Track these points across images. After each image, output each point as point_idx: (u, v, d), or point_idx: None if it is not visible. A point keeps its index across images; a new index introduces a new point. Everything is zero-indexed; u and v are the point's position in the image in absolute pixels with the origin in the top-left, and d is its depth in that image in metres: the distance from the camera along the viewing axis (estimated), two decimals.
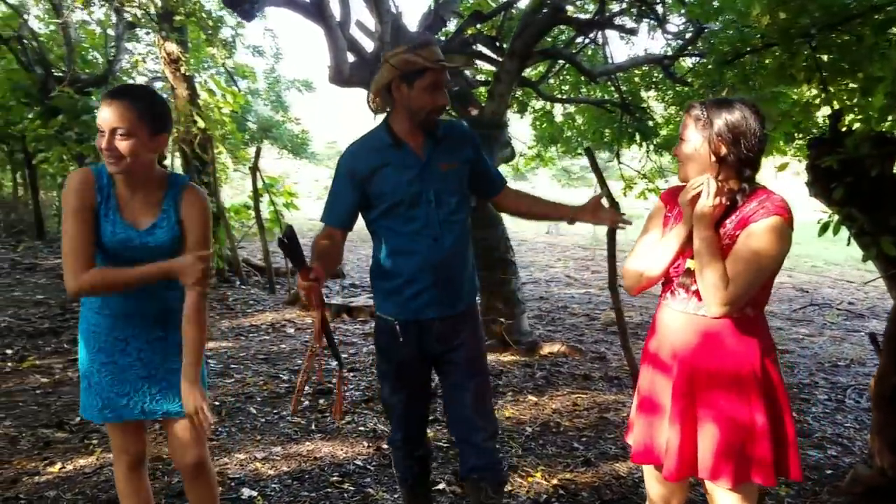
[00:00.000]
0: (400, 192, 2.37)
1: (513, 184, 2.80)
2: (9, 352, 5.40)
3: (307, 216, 12.45)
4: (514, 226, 13.93)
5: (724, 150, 1.97)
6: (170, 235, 2.23)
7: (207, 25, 8.66)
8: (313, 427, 4.10)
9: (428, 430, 2.77)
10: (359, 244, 13.16)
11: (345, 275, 10.07)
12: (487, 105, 6.35)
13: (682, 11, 6.50)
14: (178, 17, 7.89)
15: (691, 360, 2.05)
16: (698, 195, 1.99)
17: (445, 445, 3.82)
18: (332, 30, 6.00)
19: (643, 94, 9.00)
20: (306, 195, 15.99)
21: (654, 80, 8.68)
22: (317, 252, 2.35)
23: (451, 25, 8.48)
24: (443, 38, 7.20)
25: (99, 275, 2.13)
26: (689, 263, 2.05)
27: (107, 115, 2.06)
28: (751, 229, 1.94)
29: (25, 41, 10.79)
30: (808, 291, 10.33)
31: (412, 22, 7.01)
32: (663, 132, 9.13)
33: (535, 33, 6.20)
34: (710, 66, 4.98)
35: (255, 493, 3.25)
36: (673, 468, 2.05)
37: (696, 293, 2.02)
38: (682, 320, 2.09)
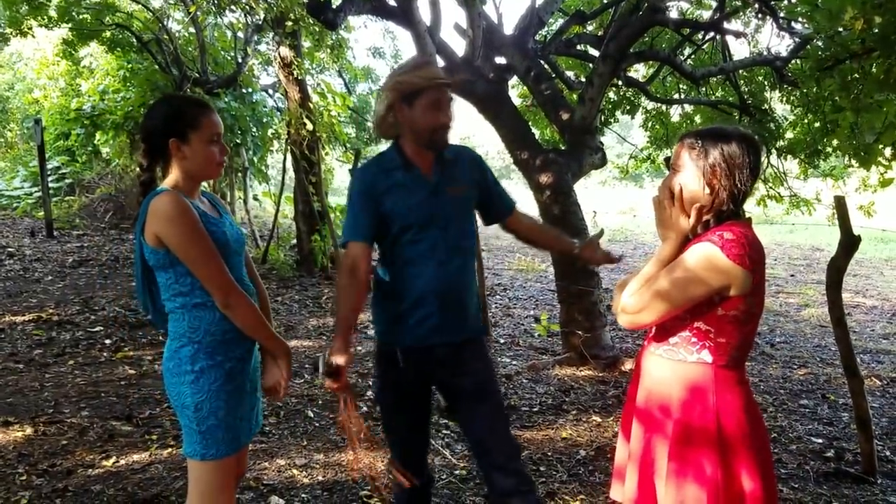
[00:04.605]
0: (412, 215, 2.36)
1: (590, 190, 2.84)
2: (108, 342, 5.81)
3: None
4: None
5: (717, 183, 1.85)
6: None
7: (315, 31, 8.93)
8: (362, 435, 4.14)
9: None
10: None
11: None
12: (577, 110, 6.16)
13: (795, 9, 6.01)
14: (288, 23, 8.18)
15: (647, 405, 1.98)
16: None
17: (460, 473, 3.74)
18: (419, 35, 6.01)
19: (767, 94, 8.50)
20: None
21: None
22: (343, 321, 2.39)
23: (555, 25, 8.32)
24: (539, 40, 7.04)
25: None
26: None
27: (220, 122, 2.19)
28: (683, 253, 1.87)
29: (164, 44, 11.58)
30: None
31: (511, 22, 6.90)
32: (788, 135, 8.59)
33: (630, 35, 5.95)
34: (807, 73, 4.59)
35: (282, 502, 3.33)
36: None
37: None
38: (647, 360, 2.01)
